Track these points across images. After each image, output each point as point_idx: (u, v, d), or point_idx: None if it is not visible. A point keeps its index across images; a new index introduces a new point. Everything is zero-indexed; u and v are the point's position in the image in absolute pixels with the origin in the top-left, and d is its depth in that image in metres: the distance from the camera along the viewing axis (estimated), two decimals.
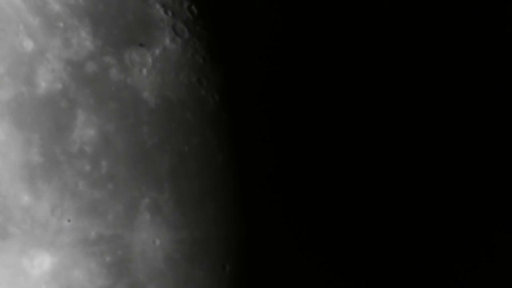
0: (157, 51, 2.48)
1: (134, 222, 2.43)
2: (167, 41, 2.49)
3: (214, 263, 2.46)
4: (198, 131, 2.47)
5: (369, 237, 2.64)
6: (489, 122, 2.95)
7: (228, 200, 2.47)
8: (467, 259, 2.92)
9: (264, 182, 2.50)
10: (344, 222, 2.57)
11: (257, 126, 2.52)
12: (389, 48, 2.82)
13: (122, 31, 2.47)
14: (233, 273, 2.47)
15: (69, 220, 2.37)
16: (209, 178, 2.46)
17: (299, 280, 2.53)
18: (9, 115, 2.39)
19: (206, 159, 2.46)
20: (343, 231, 2.56)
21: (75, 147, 2.42)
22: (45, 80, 2.44)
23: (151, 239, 2.44)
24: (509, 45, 3.09)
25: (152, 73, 2.47)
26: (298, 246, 2.53)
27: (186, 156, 2.45)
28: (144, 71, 2.47)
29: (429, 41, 2.89)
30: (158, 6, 2.50)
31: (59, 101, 2.43)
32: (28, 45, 2.45)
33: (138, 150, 2.43)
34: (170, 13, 2.50)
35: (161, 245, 2.44)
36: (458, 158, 2.86)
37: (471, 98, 2.93)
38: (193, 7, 2.53)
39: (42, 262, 2.40)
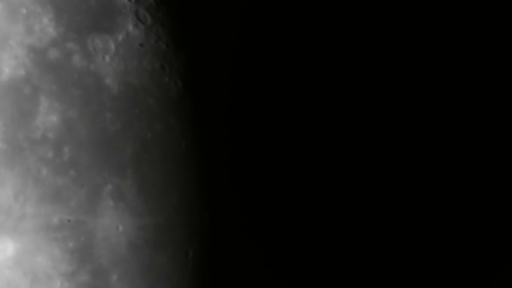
0: (120, 38, 2.48)
1: (97, 208, 2.43)
2: (130, 27, 2.49)
3: (177, 250, 2.47)
4: (161, 117, 2.47)
5: (337, 227, 2.64)
6: (489, 122, 2.94)
7: (191, 187, 2.48)
8: (465, 261, 2.92)
9: (227, 168, 2.51)
10: (306, 208, 2.57)
11: (220, 112, 2.52)
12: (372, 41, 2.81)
13: (85, 17, 2.46)
14: (196, 259, 2.48)
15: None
16: (172, 164, 2.47)
17: (262, 266, 2.54)
18: None
19: (169, 146, 2.47)
20: (305, 216, 2.57)
21: (38, 134, 2.42)
22: (8, 66, 2.43)
23: (114, 225, 2.44)
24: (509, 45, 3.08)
25: (115, 59, 2.46)
26: (261, 233, 2.53)
27: (149, 143, 2.45)
28: (107, 57, 2.46)
29: (429, 41, 2.88)
30: None
31: (22, 88, 2.43)
32: None
33: (101, 136, 2.43)
34: None
35: (124, 231, 2.45)
36: (457, 158, 2.85)
37: (471, 98, 2.92)
38: None
39: (5, 248, 2.41)
